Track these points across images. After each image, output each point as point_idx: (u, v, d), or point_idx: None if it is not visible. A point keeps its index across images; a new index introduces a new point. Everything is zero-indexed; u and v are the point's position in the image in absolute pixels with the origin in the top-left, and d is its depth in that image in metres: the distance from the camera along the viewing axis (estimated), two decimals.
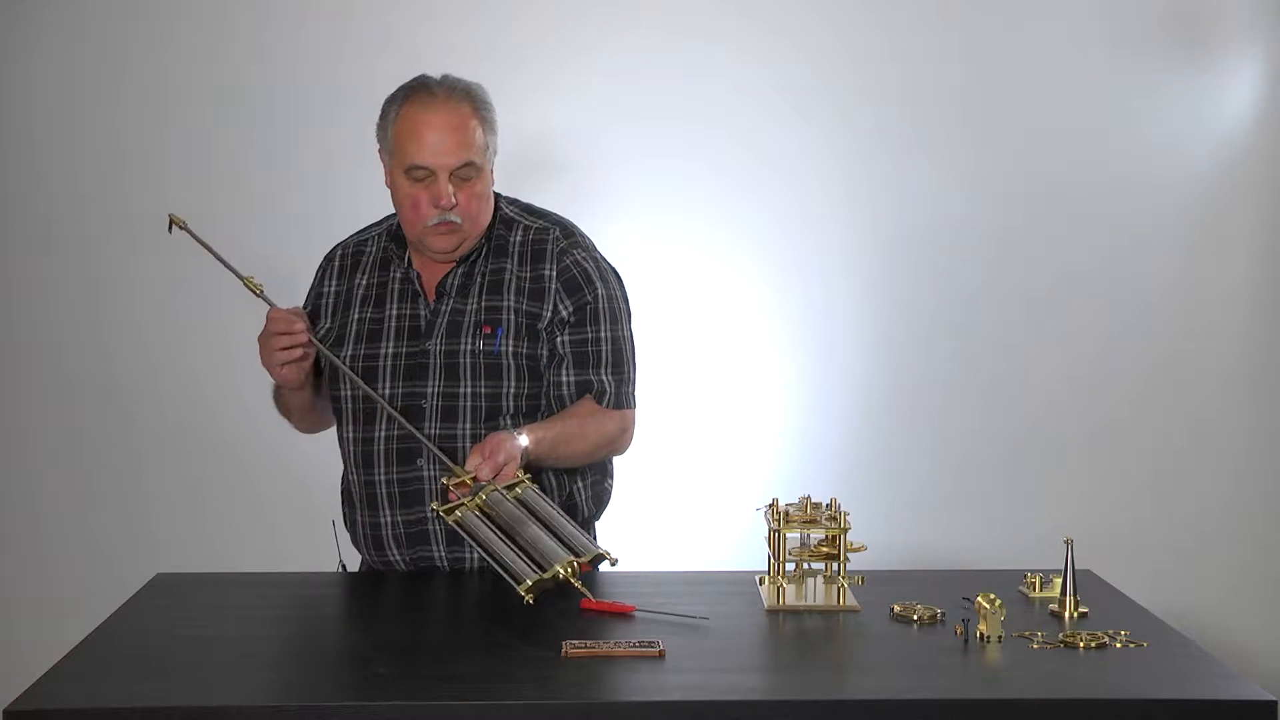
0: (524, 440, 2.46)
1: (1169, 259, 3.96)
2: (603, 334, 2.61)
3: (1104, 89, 3.91)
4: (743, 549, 3.34)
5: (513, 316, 2.58)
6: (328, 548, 2.73)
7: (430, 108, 2.51)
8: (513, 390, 2.57)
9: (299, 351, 2.54)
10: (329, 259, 2.75)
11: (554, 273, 2.60)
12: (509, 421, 2.57)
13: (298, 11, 3.85)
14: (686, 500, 3.89)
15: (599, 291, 2.61)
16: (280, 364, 2.55)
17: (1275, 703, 1.89)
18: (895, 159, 3.91)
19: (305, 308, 2.70)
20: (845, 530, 2.37)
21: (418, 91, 2.54)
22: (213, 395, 3.90)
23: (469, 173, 2.52)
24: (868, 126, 3.91)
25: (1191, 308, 3.98)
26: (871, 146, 3.91)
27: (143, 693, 1.94)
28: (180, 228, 2.59)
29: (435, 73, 2.58)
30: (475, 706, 1.89)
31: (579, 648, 2.07)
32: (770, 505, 2.41)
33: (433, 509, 2.36)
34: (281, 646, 2.17)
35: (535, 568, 2.26)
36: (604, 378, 2.61)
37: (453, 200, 2.51)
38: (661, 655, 2.05)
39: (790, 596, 2.35)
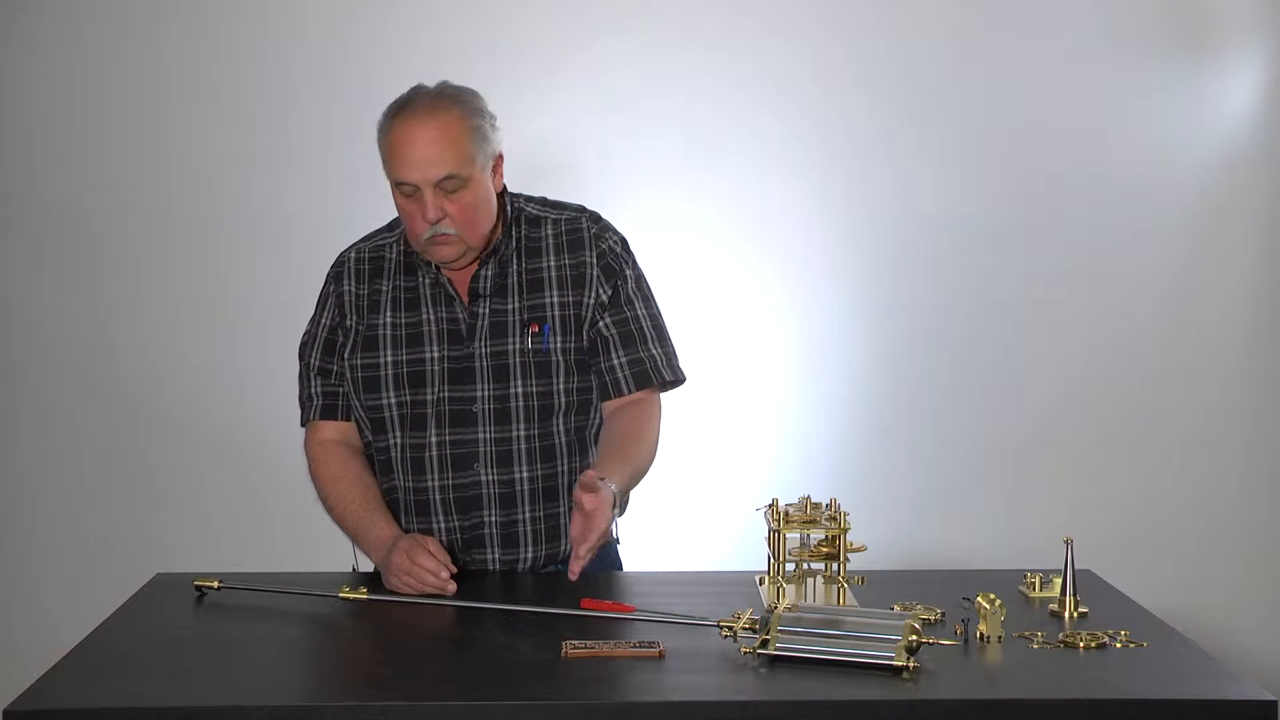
0: (613, 488, 2.41)
1: (1169, 258, 3.95)
2: (639, 311, 2.64)
3: (1104, 89, 3.91)
4: (743, 549, 3.34)
5: (556, 312, 2.58)
6: (328, 548, 2.73)
7: (410, 122, 2.47)
8: (562, 386, 2.58)
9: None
10: (341, 263, 2.69)
11: (593, 258, 2.61)
12: (561, 420, 2.59)
13: (298, 12, 3.85)
14: (686, 500, 3.89)
15: (629, 273, 2.64)
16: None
17: (1275, 703, 1.89)
18: (894, 159, 3.91)
19: (326, 312, 2.67)
20: (845, 530, 2.37)
21: (405, 105, 2.50)
22: (213, 395, 3.90)
23: (453, 184, 2.47)
24: (867, 126, 3.90)
25: (1191, 307, 3.97)
26: (871, 146, 3.91)
27: (143, 693, 1.94)
28: (216, 590, 2.42)
29: (436, 76, 2.56)
30: (475, 706, 1.89)
31: (579, 648, 2.07)
32: (770, 505, 2.41)
33: (751, 650, 2.06)
34: (281, 647, 2.17)
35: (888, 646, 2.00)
36: (653, 351, 2.64)
37: (439, 213, 2.47)
38: (662, 655, 2.05)
39: (790, 596, 2.35)
